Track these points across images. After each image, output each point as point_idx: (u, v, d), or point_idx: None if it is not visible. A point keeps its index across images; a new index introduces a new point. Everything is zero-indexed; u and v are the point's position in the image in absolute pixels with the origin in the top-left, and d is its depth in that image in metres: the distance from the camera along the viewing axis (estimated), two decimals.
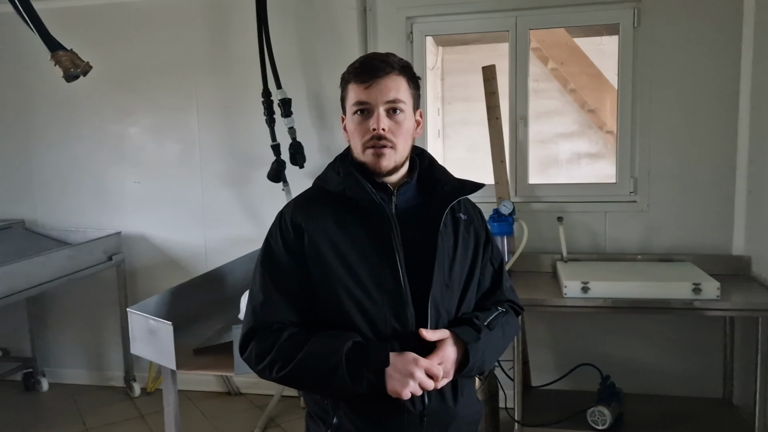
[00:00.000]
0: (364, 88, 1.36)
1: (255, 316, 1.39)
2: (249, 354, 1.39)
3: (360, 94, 1.36)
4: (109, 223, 3.71)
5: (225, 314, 2.44)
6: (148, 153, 3.68)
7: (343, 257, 1.35)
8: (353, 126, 1.39)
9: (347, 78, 1.41)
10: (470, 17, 3.25)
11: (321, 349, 1.30)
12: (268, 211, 3.46)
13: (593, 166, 5.25)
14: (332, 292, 1.35)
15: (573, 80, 5.17)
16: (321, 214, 1.39)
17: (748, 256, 2.98)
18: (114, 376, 3.84)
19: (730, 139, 3.02)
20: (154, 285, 3.59)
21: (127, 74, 3.60)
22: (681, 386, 3.10)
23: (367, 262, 1.35)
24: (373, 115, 1.36)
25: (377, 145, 1.36)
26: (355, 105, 1.37)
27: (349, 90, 1.40)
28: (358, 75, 1.37)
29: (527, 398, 2.95)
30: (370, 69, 1.37)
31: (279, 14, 3.30)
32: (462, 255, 1.44)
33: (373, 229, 1.36)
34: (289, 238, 1.39)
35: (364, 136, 1.37)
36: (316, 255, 1.36)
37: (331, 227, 1.37)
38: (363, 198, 1.37)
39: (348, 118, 1.42)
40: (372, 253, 1.35)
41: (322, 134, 3.41)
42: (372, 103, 1.36)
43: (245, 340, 1.40)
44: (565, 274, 2.78)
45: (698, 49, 3.00)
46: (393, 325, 1.33)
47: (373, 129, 1.35)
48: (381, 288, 1.34)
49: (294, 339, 1.34)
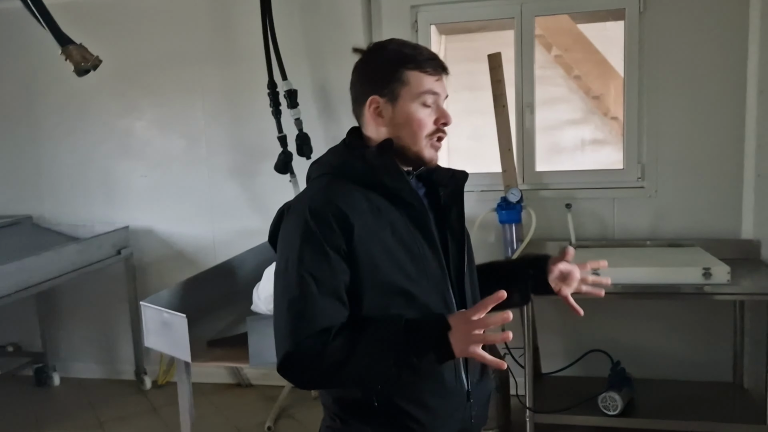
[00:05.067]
0: (435, 79, 1.34)
1: (298, 328, 1.26)
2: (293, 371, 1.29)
3: (431, 85, 1.34)
4: (116, 217, 3.72)
5: (237, 306, 2.45)
6: (154, 147, 3.68)
7: (387, 247, 1.30)
8: (417, 116, 1.33)
9: (405, 63, 1.33)
10: (475, 5, 3.24)
11: (377, 342, 1.23)
12: (276, 202, 3.42)
13: (598, 152, 5.25)
14: (381, 283, 1.29)
15: (577, 67, 5.15)
16: (357, 204, 1.31)
17: (757, 239, 2.98)
18: (125, 369, 3.86)
19: (738, 123, 3.01)
20: (163, 278, 3.60)
21: (133, 68, 3.60)
22: (691, 371, 3.10)
23: (409, 250, 1.32)
24: (440, 108, 1.36)
25: (440, 138, 1.37)
26: (425, 95, 1.33)
27: (411, 77, 1.33)
28: (429, 66, 1.34)
29: (538, 385, 2.96)
30: (436, 61, 1.36)
31: (283, 5, 3.29)
32: (468, 239, 1.46)
33: (410, 217, 1.34)
34: (331, 232, 1.26)
35: (429, 127, 1.35)
36: (365, 247, 1.28)
37: (370, 218, 1.30)
38: (401, 187, 1.34)
39: (403, 106, 1.33)
40: (411, 240, 1.32)
41: (329, 125, 3.40)
42: (441, 95, 1.36)
43: (288, 357, 1.27)
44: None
45: (704, 34, 2.99)
46: (443, 310, 1.32)
47: (443, 123, 1.36)
48: (426, 275, 1.32)
49: (343, 339, 1.25)
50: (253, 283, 2.47)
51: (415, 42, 1.49)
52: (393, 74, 1.33)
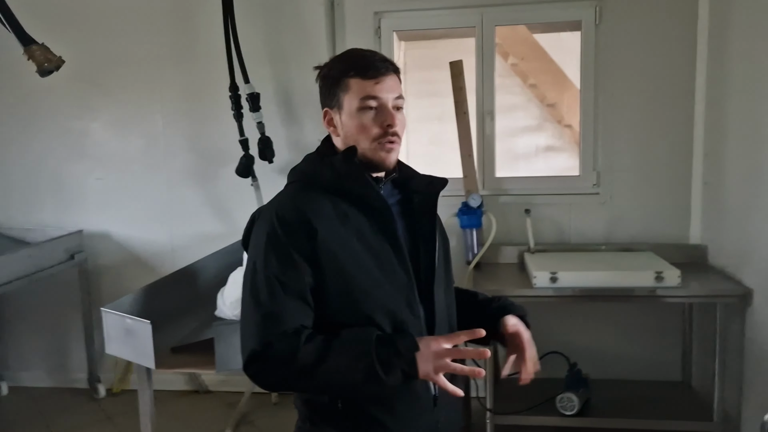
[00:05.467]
0: (374, 83, 1.35)
1: (265, 327, 1.28)
2: (259, 371, 1.30)
3: (370, 89, 1.35)
4: (70, 221, 3.61)
5: (200, 312, 2.42)
6: (110, 149, 3.59)
7: (353, 251, 1.33)
8: (360, 121, 1.36)
9: (345, 72, 1.37)
10: (438, 13, 3.29)
11: (347, 351, 1.26)
12: (237, 206, 3.49)
13: (553, 159, 5.38)
14: (346, 286, 1.32)
15: (533, 75, 5.28)
16: (322, 210, 1.35)
17: (704, 244, 3.11)
18: (77, 377, 3.74)
19: (686, 132, 3.15)
20: (119, 284, 3.51)
21: (89, 68, 3.50)
22: (643, 371, 3.22)
23: (376, 255, 1.34)
24: (383, 112, 1.35)
25: (390, 141, 1.36)
26: (365, 100, 1.35)
27: (351, 85, 1.36)
28: (365, 70, 1.36)
29: (497, 387, 3.02)
30: (375, 65, 1.36)
31: (246, 8, 3.27)
32: (441, 246, 1.48)
33: (376, 222, 1.36)
34: (296, 237, 1.31)
35: (374, 132, 1.35)
36: (328, 251, 1.31)
37: (335, 223, 1.34)
38: (367, 193, 1.36)
39: (349, 114, 1.37)
40: (378, 245, 1.35)
41: (291, 129, 3.39)
42: (383, 98, 1.35)
43: (252, 359, 1.28)
44: (534, 265, 2.86)
45: (657, 47, 3.12)
46: (407, 315, 1.34)
47: (387, 125, 1.35)
48: (392, 280, 1.34)
49: (313, 345, 1.27)
50: (216, 289, 2.45)
51: (376, 48, 1.51)
52: (338, 85, 1.38)
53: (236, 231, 3.24)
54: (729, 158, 2.84)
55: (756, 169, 2.58)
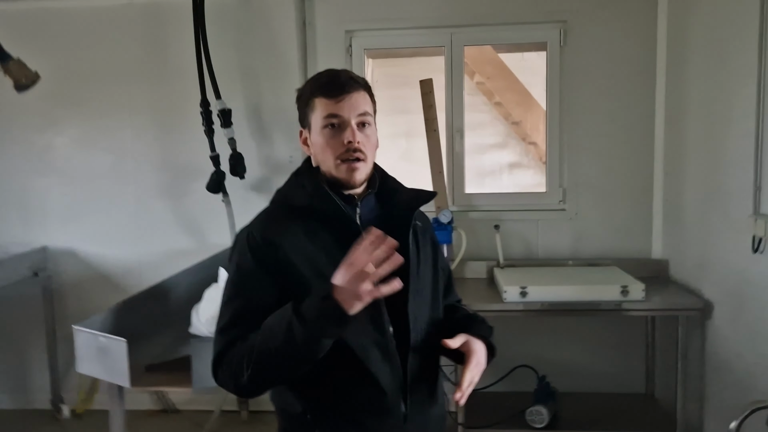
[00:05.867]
0: (336, 102, 1.38)
1: (226, 337, 1.35)
2: (223, 376, 1.35)
3: (332, 108, 1.38)
4: (34, 237, 3.53)
5: (173, 329, 2.39)
6: (76, 164, 3.52)
7: (319, 271, 1.35)
8: (324, 139, 1.39)
9: (312, 92, 1.42)
10: (408, 32, 3.36)
11: (270, 324, 1.29)
12: (207, 223, 3.46)
13: (518, 175, 5.49)
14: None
15: (498, 94, 5.39)
16: (291, 229, 1.39)
17: (666, 259, 3.22)
18: (39, 398, 3.63)
19: (648, 151, 3.26)
20: (84, 302, 3.44)
21: (55, 82, 3.42)
22: (609, 383, 3.30)
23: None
24: (345, 129, 1.37)
25: (352, 158, 1.38)
26: (327, 118, 1.38)
27: (317, 104, 1.40)
28: (328, 90, 1.39)
29: (468, 401, 3.04)
30: (340, 84, 1.39)
31: (217, 25, 3.27)
32: (425, 261, 1.49)
33: (345, 241, 1.36)
34: (261, 254, 1.36)
35: (336, 149, 1.38)
36: (292, 270, 1.35)
37: (303, 241, 1.37)
38: (333, 211, 1.39)
39: (315, 132, 1.42)
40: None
41: (262, 145, 3.39)
42: (345, 116, 1.38)
43: (216, 362, 1.36)
44: (504, 279, 2.91)
45: (619, 68, 3.24)
46: (372, 332, 1.36)
47: (348, 142, 1.37)
48: None
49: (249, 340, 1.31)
50: (188, 306, 2.43)
51: (347, 67, 1.54)
52: (307, 105, 1.43)
53: (207, 247, 3.29)
54: (688, 176, 2.96)
55: (713, 186, 2.69)
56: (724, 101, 2.58)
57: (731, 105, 2.51)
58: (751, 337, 2.40)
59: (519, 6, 3.24)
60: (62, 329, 3.47)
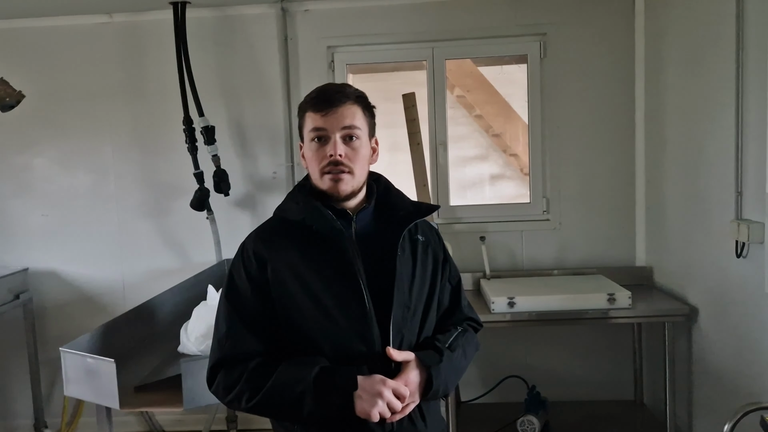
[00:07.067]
0: (321, 115, 1.41)
1: (221, 348, 1.40)
2: (217, 386, 1.40)
3: (317, 122, 1.41)
4: (14, 259, 3.46)
5: (160, 349, 2.36)
6: (57, 184, 3.48)
7: (307, 286, 1.37)
8: (311, 152, 1.43)
9: (304, 107, 1.46)
10: (390, 47, 3.38)
11: (288, 377, 1.33)
12: (192, 241, 3.43)
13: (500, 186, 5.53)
14: (297, 320, 1.38)
15: (478, 107, 5.43)
16: (283, 243, 1.42)
17: (650, 266, 3.26)
18: (21, 424, 3.54)
19: (629, 160, 3.31)
20: (67, 324, 3.39)
21: (33, 101, 3.41)
22: (598, 390, 3.32)
23: (331, 290, 1.37)
24: (329, 142, 1.40)
25: (334, 171, 1.40)
26: (312, 132, 1.42)
27: (307, 118, 1.44)
28: (315, 104, 1.43)
29: (459, 413, 3.05)
30: (327, 98, 1.42)
31: (199, 42, 3.27)
32: (421, 277, 1.48)
33: (335, 256, 1.39)
34: (251, 269, 1.41)
35: (321, 161, 1.41)
36: (280, 285, 1.39)
37: (294, 256, 1.40)
38: (323, 225, 1.40)
39: (306, 146, 1.45)
40: (335, 280, 1.38)
41: (246, 162, 3.37)
42: (328, 129, 1.40)
43: (212, 373, 1.41)
44: (491, 290, 2.92)
45: (598, 79, 3.29)
46: (360, 348, 1.36)
47: (330, 155, 1.39)
48: (346, 314, 1.36)
49: (261, 368, 1.36)
50: (175, 325, 2.40)
51: (331, 81, 1.58)
52: (300, 120, 1.48)
53: (192, 266, 3.26)
54: (669, 184, 3.01)
55: (693, 193, 2.74)
56: (702, 108, 2.63)
57: (710, 112, 2.56)
58: (736, 340, 2.44)
59: (499, 20, 3.28)
60: (44, 352, 3.41)
